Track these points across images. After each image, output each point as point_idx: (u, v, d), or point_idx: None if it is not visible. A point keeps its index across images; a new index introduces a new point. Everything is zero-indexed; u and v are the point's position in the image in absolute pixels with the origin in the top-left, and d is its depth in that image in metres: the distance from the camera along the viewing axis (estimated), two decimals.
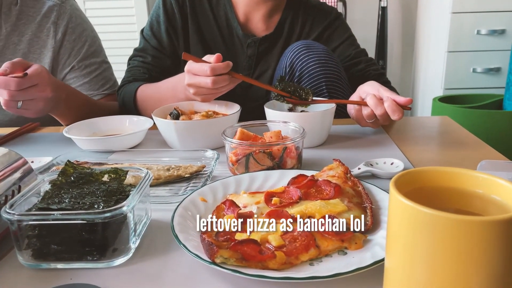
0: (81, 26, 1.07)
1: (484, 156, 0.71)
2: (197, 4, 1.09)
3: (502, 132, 1.80)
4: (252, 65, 1.12)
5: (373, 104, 0.77)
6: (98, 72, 1.09)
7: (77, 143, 0.79)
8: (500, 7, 2.16)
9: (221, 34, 1.10)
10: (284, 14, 1.11)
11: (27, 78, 0.78)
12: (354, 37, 1.15)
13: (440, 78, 2.33)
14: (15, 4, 1.01)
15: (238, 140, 0.65)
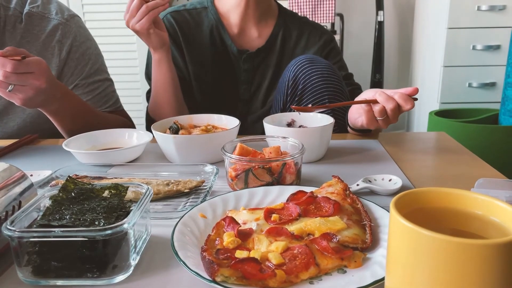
0: (85, 44, 1.07)
1: (482, 173, 0.72)
2: (187, 32, 1.12)
3: (498, 147, 1.81)
4: (249, 78, 1.14)
5: (383, 99, 0.80)
6: (100, 89, 1.09)
7: (76, 156, 0.79)
8: (495, 23, 2.19)
9: (216, 54, 1.13)
10: (276, 27, 1.15)
11: (24, 63, 0.78)
12: (344, 62, 1.20)
13: (436, 92, 2.35)
14: (20, 22, 1.01)
15: (237, 156, 0.65)
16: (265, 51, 1.14)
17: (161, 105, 1.06)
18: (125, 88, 2.43)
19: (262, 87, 1.15)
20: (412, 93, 0.80)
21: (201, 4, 1.16)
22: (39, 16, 1.02)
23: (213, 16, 1.13)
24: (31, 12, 1.01)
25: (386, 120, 0.83)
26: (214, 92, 1.15)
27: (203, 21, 1.14)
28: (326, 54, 1.16)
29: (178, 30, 1.12)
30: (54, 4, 1.06)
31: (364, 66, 2.87)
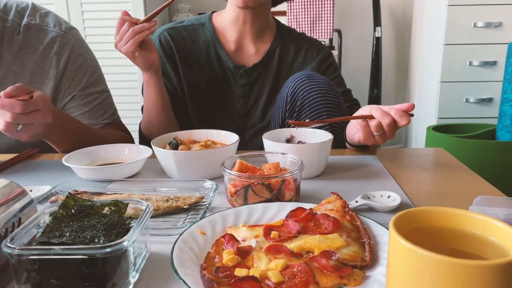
0: (82, 56, 1.08)
1: (479, 190, 0.72)
2: (183, 49, 1.14)
3: (495, 162, 1.82)
4: (246, 94, 1.16)
5: (379, 115, 0.81)
6: (98, 101, 1.10)
7: (76, 171, 0.80)
8: (491, 39, 2.22)
9: (213, 70, 1.15)
10: (273, 43, 1.16)
11: (32, 102, 0.78)
12: (342, 77, 1.21)
13: (434, 107, 2.37)
14: (17, 34, 1.02)
15: (237, 172, 0.66)
16: (262, 67, 1.15)
17: (151, 122, 1.07)
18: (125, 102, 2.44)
19: (260, 102, 1.16)
20: (408, 109, 0.81)
21: (198, 21, 1.17)
22: (37, 28, 1.03)
23: (209, 32, 1.15)
24: (29, 24, 1.03)
25: (383, 136, 0.83)
26: (211, 107, 1.16)
27: (199, 37, 1.15)
28: (324, 70, 1.17)
29: (173, 47, 1.13)
30: (52, 17, 1.07)
31: (362, 81, 2.90)
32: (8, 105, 0.76)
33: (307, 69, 1.16)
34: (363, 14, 2.84)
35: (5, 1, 1.04)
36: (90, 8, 2.37)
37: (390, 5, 2.84)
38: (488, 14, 2.19)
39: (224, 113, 1.17)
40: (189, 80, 1.14)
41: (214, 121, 1.16)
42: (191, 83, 1.15)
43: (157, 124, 1.06)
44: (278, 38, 1.17)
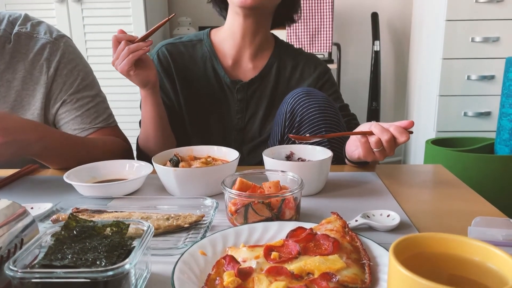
0: (73, 61, 1.08)
1: (478, 209, 0.73)
2: (181, 65, 1.15)
3: (494, 176, 1.82)
4: (243, 108, 1.17)
5: (379, 131, 0.82)
6: (90, 105, 1.09)
7: (77, 188, 0.80)
8: (489, 54, 2.24)
9: (210, 85, 1.16)
10: (271, 59, 1.18)
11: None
12: (339, 93, 1.22)
13: (433, 121, 2.38)
14: (8, 43, 1.03)
15: (237, 191, 0.66)
16: (259, 82, 1.16)
17: (148, 136, 1.08)
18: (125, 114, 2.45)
19: (257, 117, 1.17)
20: (408, 126, 0.82)
21: (197, 37, 1.19)
22: (27, 36, 1.04)
23: (207, 48, 1.16)
24: (20, 33, 1.04)
25: (382, 152, 0.84)
26: (208, 122, 1.17)
27: (197, 53, 1.17)
28: (321, 85, 1.18)
29: (171, 62, 1.15)
30: (44, 25, 1.08)
31: (361, 94, 2.91)
32: None
33: (304, 85, 1.17)
34: (362, 28, 2.87)
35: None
36: (92, 21, 2.39)
37: (388, 20, 2.87)
38: (485, 29, 2.22)
39: (221, 127, 1.18)
40: (186, 95, 1.16)
41: (211, 136, 1.17)
42: (188, 97, 1.16)
43: (154, 139, 1.07)
44: (276, 54, 1.18)
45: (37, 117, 1.04)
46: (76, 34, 2.40)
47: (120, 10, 2.37)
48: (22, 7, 2.35)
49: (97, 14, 2.38)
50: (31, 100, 1.05)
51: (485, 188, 1.84)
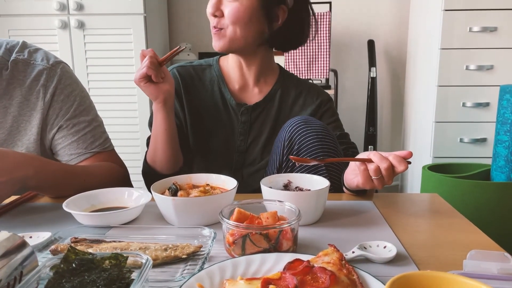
0: (70, 86, 1.10)
1: (474, 240, 0.74)
2: (190, 86, 1.21)
3: (490, 202, 1.83)
4: (246, 131, 1.20)
5: (378, 159, 0.84)
6: (87, 130, 1.10)
7: (76, 217, 0.80)
8: (483, 82, 2.29)
9: (216, 106, 1.20)
10: (275, 86, 1.22)
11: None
12: (340, 121, 1.25)
13: (429, 147, 2.40)
14: (5, 69, 1.04)
15: (235, 222, 0.67)
16: (263, 106, 1.21)
17: (156, 151, 1.11)
18: (124, 145, 2.47)
19: (259, 140, 1.20)
20: (406, 156, 0.84)
21: (206, 62, 1.25)
22: (24, 63, 1.06)
23: (215, 72, 1.22)
24: (17, 60, 1.05)
25: (381, 180, 0.86)
26: (211, 142, 1.21)
27: (206, 76, 1.23)
28: (322, 113, 1.22)
29: (181, 83, 1.20)
30: (41, 52, 1.10)
31: (358, 120, 2.95)
32: None
33: (306, 112, 1.20)
34: (358, 55, 2.92)
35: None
36: (93, 47, 2.43)
37: (384, 47, 2.93)
38: (479, 58, 2.27)
39: (224, 148, 1.21)
40: (192, 115, 1.20)
41: (213, 156, 1.20)
42: (194, 117, 1.20)
43: (162, 154, 1.09)
44: (280, 81, 1.23)
45: (33, 142, 1.05)
46: (78, 59, 2.44)
47: (121, 37, 2.42)
48: (24, 33, 2.40)
49: (99, 40, 2.42)
50: (27, 126, 1.06)
51: (481, 214, 1.85)
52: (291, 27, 1.15)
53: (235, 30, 1.07)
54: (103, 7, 2.39)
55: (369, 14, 2.88)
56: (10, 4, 2.38)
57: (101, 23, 2.40)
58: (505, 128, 1.88)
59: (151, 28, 2.51)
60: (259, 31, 1.10)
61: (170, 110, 1.08)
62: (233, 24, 1.06)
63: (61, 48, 2.42)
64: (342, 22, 2.89)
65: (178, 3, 2.94)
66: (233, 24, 1.06)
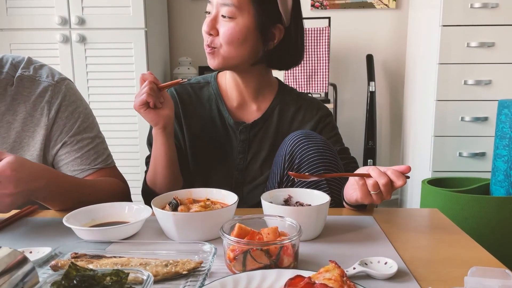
0: (74, 103, 1.11)
1: (475, 257, 0.74)
2: (188, 104, 1.20)
3: (490, 217, 1.83)
4: (246, 149, 1.19)
5: (377, 175, 0.84)
6: (90, 146, 1.11)
7: (76, 232, 0.80)
8: (482, 96, 2.30)
9: (214, 125, 1.20)
10: (274, 102, 1.22)
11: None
12: (340, 136, 1.25)
13: (428, 161, 2.41)
14: (11, 85, 1.05)
15: (235, 238, 0.67)
16: (261, 123, 1.20)
17: (156, 175, 1.10)
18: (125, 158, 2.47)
19: (259, 158, 1.19)
20: (405, 171, 0.85)
21: (204, 79, 1.25)
22: (30, 79, 1.07)
23: (213, 90, 1.22)
24: (23, 76, 1.06)
25: (379, 195, 0.86)
26: (210, 161, 1.20)
27: (204, 94, 1.22)
28: (322, 128, 1.21)
29: (179, 103, 1.20)
30: (46, 69, 1.11)
31: (357, 133, 2.96)
32: None
33: (306, 127, 1.20)
34: (357, 70, 2.95)
35: (2, 56, 1.09)
36: (94, 61, 2.45)
37: (383, 61, 2.95)
38: (477, 72, 2.29)
39: (223, 166, 1.20)
40: (191, 134, 1.19)
41: (213, 175, 1.19)
42: (192, 137, 1.19)
43: (162, 177, 1.09)
44: (279, 97, 1.22)
45: (36, 158, 1.06)
46: (79, 73, 2.45)
47: (122, 51, 2.44)
48: (26, 47, 2.42)
49: (100, 54, 2.44)
50: (30, 142, 1.06)
51: (481, 229, 1.84)
52: (287, 46, 1.14)
53: (229, 50, 1.07)
54: (105, 22, 2.41)
55: (367, 29, 2.91)
56: (13, 18, 2.41)
57: (102, 37, 2.42)
58: (504, 143, 1.89)
59: (151, 43, 2.53)
60: (254, 51, 1.09)
61: (170, 134, 1.07)
62: (227, 44, 1.06)
63: (62, 62, 2.43)
64: (341, 37, 2.92)
65: (178, 18, 2.98)
66: (227, 44, 1.06)
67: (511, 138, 1.86)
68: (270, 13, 1.08)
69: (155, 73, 2.74)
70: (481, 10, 2.24)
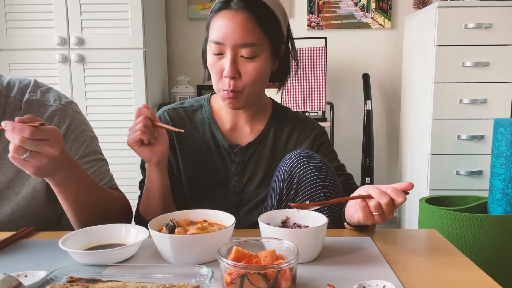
0: (80, 127, 1.12)
1: (474, 280, 0.73)
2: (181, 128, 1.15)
3: (488, 235, 1.82)
4: (241, 171, 1.18)
5: (377, 194, 0.83)
6: (95, 168, 1.12)
7: (72, 255, 0.80)
8: (477, 115, 2.32)
9: (208, 149, 1.18)
10: (268, 124, 1.20)
11: (42, 129, 0.82)
12: (335, 153, 1.24)
13: (425, 179, 2.41)
14: (19, 109, 1.06)
15: (232, 262, 0.66)
16: (256, 145, 1.19)
17: (148, 205, 1.09)
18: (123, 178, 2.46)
19: (255, 180, 1.18)
20: (407, 188, 0.85)
21: (197, 103, 1.23)
22: (37, 103, 1.08)
23: (206, 114, 1.20)
24: (30, 100, 1.07)
25: (382, 215, 0.86)
26: (206, 184, 1.18)
27: (197, 118, 1.20)
28: (318, 146, 1.21)
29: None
30: (53, 93, 1.12)
31: (355, 152, 2.96)
32: (18, 129, 0.79)
33: (301, 147, 1.20)
34: (354, 88, 2.97)
35: (9, 79, 1.09)
36: (93, 81, 2.47)
37: (379, 80, 2.98)
38: (473, 91, 2.31)
39: (219, 190, 1.19)
40: (184, 158, 1.18)
41: (209, 198, 1.18)
42: (186, 161, 1.18)
43: (154, 207, 1.07)
44: (273, 118, 1.21)
45: (40, 182, 1.07)
46: (78, 93, 2.47)
47: (121, 70, 2.46)
48: (25, 67, 2.44)
49: (99, 74, 2.46)
50: None
51: (479, 247, 1.84)
52: (286, 62, 1.16)
53: (254, 89, 1.05)
54: (104, 42, 2.44)
55: (363, 49, 2.95)
56: (12, 38, 2.43)
57: (101, 57, 2.45)
58: (501, 161, 1.90)
59: (150, 62, 2.55)
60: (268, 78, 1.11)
61: (164, 169, 1.05)
62: (253, 85, 1.04)
63: (61, 82, 2.45)
64: (338, 56, 2.95)
65: (177, 38, 3.01)
66: (253, 85, 1.04)
67: (507, 157, 1.87)
68: (279, 38, 1.09)
69: (154, 93, 2.78)
70: (475, 30, 2.27)
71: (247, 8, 1.01)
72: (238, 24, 1.00)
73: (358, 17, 2.92)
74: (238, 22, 1.00)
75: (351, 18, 2.93)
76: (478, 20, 2.26)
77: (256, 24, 1.01)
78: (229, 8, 1.02)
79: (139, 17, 2.41)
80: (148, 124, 0.96)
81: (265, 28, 1.03)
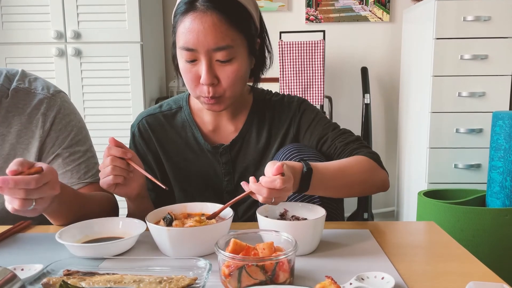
0: (68, 116, 1.11)
1: (473, 271, 0.73)
2: (162, 136, 1.14)
3: (486, 228, 1.83)
4: (230, 170, 1.14)
5: (256, 190, 0.79)
6: (81, 160, 1.10)
7: (69, 248, 0.79)
8: (476, 108, 2.32)
9: (193, 153, 1.14)
10: (249, 117, 1.13)
11: (44, 175, 0.78)
12: (321, 116, 1.14)
13: (424, 172, 2.41)
14: (5, 97, 1.05)
15: (230, 254, 0.66)
16: (240, 141, 1.13)
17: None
18: None
19: (246, 176, 1.12)
20: (277, 172, 0.77)
21: (176, 104, 1.15)
22: (25, 91, 1.07)
23: (186, 116, 1.13)
24: (18, 88, 1.06)
25: (276, 200, 0.80)
26: (197, 190, 1.15)
27: (177, 121, 1.14)
28: (300, 116, 1.13)
29: (152, 136, 1.13)
30: (41, 81, 1.11)
31: None
32: (22, 182, 0.74)
33: (285, 125, 1.13)
34: (352, 82, 2.96)
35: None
36: (90, 75, 2.45)
37: (377, 74, 2.97)
38: (471, 85, 2.30)
39: (212, 192, 1.15)
40: (171, 165, 1.14)
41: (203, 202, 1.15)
42: (173, 168, 1.14)
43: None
44: (254, 109, 1.14)
45: None
46: (74, 87, 2.45)
47: (118, 64, 2.44)
48: (22, 61, 2.42)
49: (95, 68, 2.44)
50: (25, 154, 1.06)
51: (478, 240, 1.84)
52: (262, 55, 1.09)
53: (235, 90, 0.99)
54: (100, 36, 2.42)
55: (362, 42, 2.94)
56: (9, 32, 2.41)
57: (98, 51, 2.43)
58: (499, 154, 1.90)
59: (147, 56, 2.54)
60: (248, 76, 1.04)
61: (145, 196, 1.01)
62: (233, 86, 0.98)
63: (58, 76, 2.43)
64: (336, 50, 2.94)
65: None
66: (233, 86, 0.98)
67: (506, 150, 1.87)
68: (254, 33, 1.02)
69: (151, 87, 2.76)
70: (473, 23, 2.26)
71: (216, 8, 0.91)
72: (209, 26, 0.91)
73: (357, 10, 2.91)
74: (209, 25, 0.91)
75: (350, 12, 2.91)
76: (476, 13, 2.25)
77: (228, 25, 0.92)
78: (196, 9, 0.92)
79: (136, 10, 2.39)
80: (120, 165, 0.89)
81: (238, 27, 0.94)
